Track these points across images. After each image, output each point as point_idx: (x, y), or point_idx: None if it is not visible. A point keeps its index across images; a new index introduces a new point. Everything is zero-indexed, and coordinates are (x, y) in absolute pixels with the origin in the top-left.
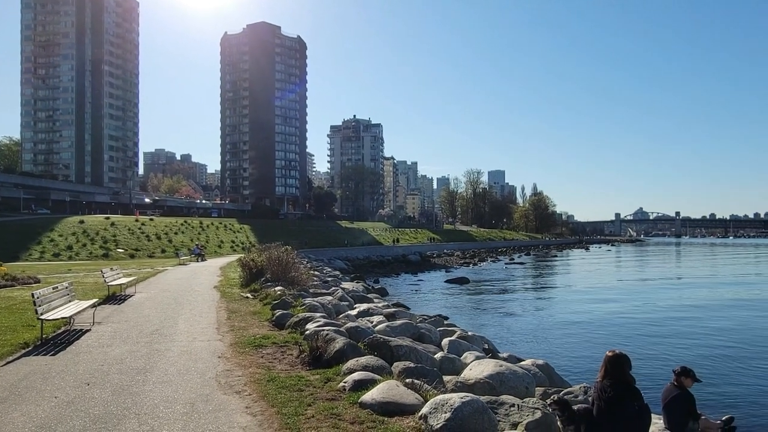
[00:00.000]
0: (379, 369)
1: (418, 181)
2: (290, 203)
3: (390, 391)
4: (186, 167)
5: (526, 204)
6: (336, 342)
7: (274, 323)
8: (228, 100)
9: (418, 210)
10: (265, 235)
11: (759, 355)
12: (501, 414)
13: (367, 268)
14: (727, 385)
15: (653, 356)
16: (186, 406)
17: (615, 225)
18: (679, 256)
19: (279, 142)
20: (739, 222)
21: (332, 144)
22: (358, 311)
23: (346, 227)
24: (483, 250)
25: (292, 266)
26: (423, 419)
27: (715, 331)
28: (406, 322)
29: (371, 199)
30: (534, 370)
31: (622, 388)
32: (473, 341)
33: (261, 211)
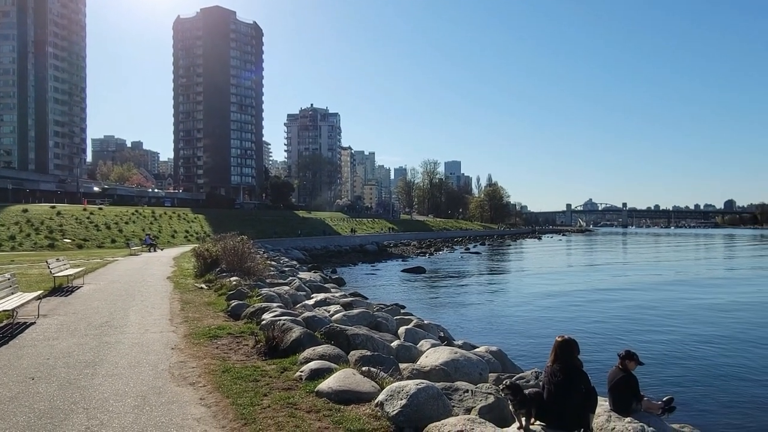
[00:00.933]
0: (335, 358)
1: (376, 171)
2: (246, 193)
3: (346, 379)
4: (137, 155)
5: (481, 194)
6: (292, 332)
7: (229, 314)
8: (181, 86)
9: (376, 200)
10: (220, 224)
11: (697, 338)
12: (455, 399)
13: (325, 258)
14: (668, 367)
15: (600, 341)
16: (137, 399)
17: (566, 215)
18: (625, 245)
19: (234, 130)
20: (681, 213)
21: (289, 133)
22: (315, 301)
23: (304, 217)
24: (439, 240)
25: (248, 256)
26: (379, 406)
27: (657, 316)
28: (363, 311)
29: (329, 188)
30: (487, 357)
31: (571, 372)
32: (429, 329)
33: (216, 200)
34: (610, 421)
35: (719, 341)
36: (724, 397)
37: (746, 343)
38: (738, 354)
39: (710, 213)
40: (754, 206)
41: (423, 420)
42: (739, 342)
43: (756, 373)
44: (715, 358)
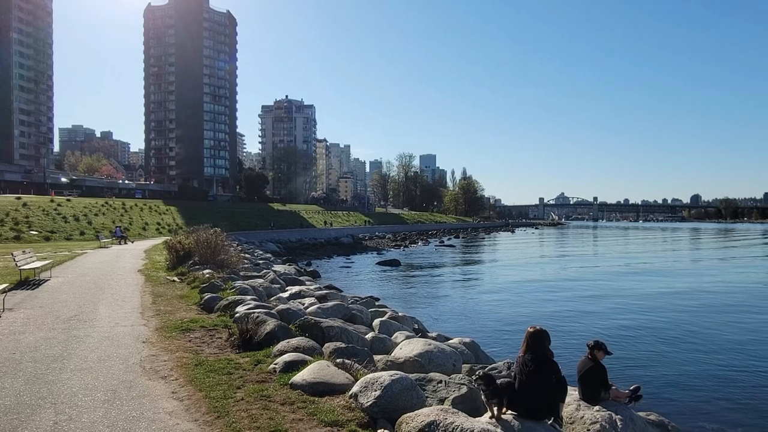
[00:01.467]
0: (310, 350)
1: (351, 164)
2: (220, 185)
3: (321, 371)
4: (107, 145)
5: (455, 188)
6: (267, 324)
7: (202, 307)
8: (152, 75)
9: (351, 193)
10: (192, 217)
11: (663, 327)
12: (429, 390)
13: (300, 251)
14: (636, 357)
15: (571, 331)
16: (107, 394)
17: (539, 209)
18: (596, 238)
19: (208, 121)
20: (649, 207)
21: (264, 124)
22: (290, 294)
23: (278, 209)
24: (414, 233)
25: (221, 249)
26: (353, 398)
27: (626, 306)
28: (338, 303)
29: (304, 181)
30: (461, 348)
31: (542, 362)
32: (403, 321)
33: (188, 192)
34: (579, 409)
35: (685, 330)
36: (689, 385)
37: (711, 331)
38: (703, 342)
39: (677, 207)
40: (718, 201)
41: (397, 411)
42: (704, 331)
43: (719, 361)
44: (681, 347)
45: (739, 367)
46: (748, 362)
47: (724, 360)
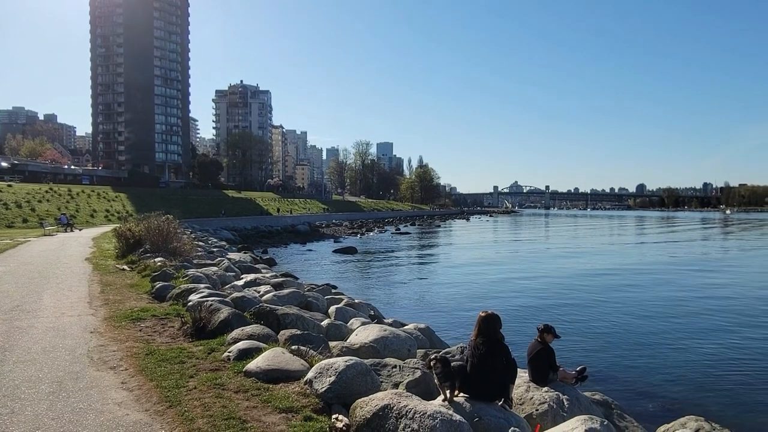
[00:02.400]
0: (265, 337)
1: (308, 151)
2: (172, 171)
3: (275, 358)
4: (51, 128)
5: (412, 176)
6: (221, 312)
7: (153, 296)
8: (99, 56)
9: (308, 180)
10: (144, 204)
11: (609, 310)
12: (384, 375)
13: (256, 239)
14: (583, 339)
15: (522, 315)
16: (53, 386)
17: (493, 197)
18: (548, 226)
19: (159, 105)
20: (598, 196)
21: (218, 110)
22: (245, 281)
23: (233, 197)
24: (371, 221)
25: (173, 236)
26: (308, 384)
27: (574, 291)
28: (294, 291)
29: (259, 168)
30: (416, 334)
31: (493, 345)
32: (360, 308)
33: (139, 178)
34: (528, 391)
35: (629, 313)
36: (632, 365)
37: (653, 313)
38: (645, 324)
39: (624, 196)
40: (661, 190)
41: (352, 396)
42: (646, 313)
43: (660, 341)
44: (625, 329)
45: (679, 346)
46: (688, 341)
47: (665, 340)
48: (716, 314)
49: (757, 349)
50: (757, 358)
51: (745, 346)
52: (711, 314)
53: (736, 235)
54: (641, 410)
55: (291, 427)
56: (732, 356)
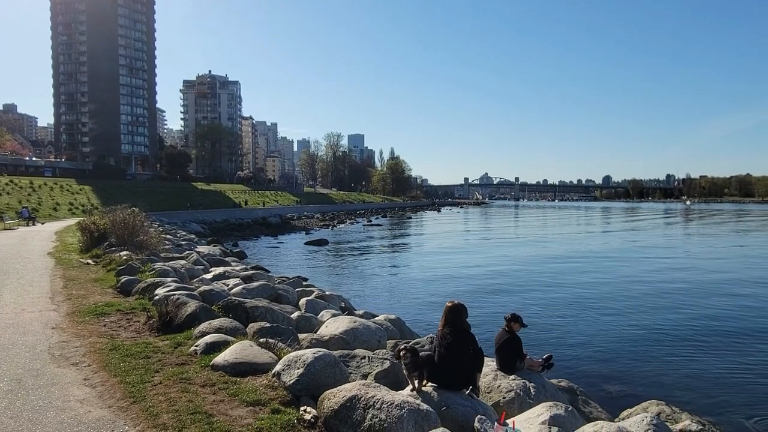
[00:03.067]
0: (233, 331)
1: (279, 143)
2: (139, 163)
3: (243, 351)
4: (10, 119)
5: (383, 168)
6: (188, 306)
7: (119, 290)
8: (62, 44)
9: (279, 172)
10: (109, 196)
11: (574, 299)
12: (353, 366)
13: (226, 231)
14: (549, 327)
15: (491, 304)
16: (12, 383)
17: (464, 189)
18: (517, 217)
19: (124, 95)
20: (566, 187)
21: (186, 100)
22: (214, 275)
23: (203, 189)
24: (342, 213)
25: (140, 229)
26: (276, 376)
27: (541, 281)
28: (264, 283)
29: (229, 160)
30: (386, 325)
31: (460, 334)
32: (330, 300)
33: (105, 170)
34: (496, 379)
35: (594, 301)
36: (597, 352)
37: (617, 301)
38: (609, 311)
39: (590, 188)
40: (627, 182)
41: (320, 387)
42: (611, 300)
43: (624, 328)
44: (590, 316)
45: (642, 332)
46: (651, 328)
47: (629, 327)
48: (678, 301)
49: (716, 334)
50: (715, 343)
51: (705, 332)
52: (673, 301)
53: (695, 224)
54: (606, 395)
55: (258, 420)
56: (692, 341)
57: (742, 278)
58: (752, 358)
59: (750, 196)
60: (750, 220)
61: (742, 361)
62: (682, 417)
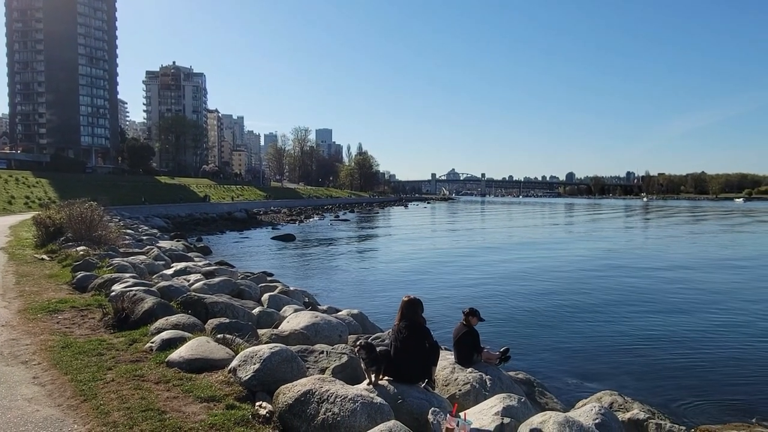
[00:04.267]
0: (190, 327)
1: (245, 137)
2: (99, 155)
3: (200, 347)
4: None
5: (351, 163)
6: (145, 302)
7: (74, 286)
8: (16, 31)
9: (245, 167)
10: (68, 190)
11: (532, 292)
12: (311, 361)
13: (190, 226)
14: (507, 321)
15: (452, 299)
16: None
17: (431, 184)
18: (483, 212)
19: (84, 86)
20: (530, 183)
21: (149, 92)
22: (175, 270)
23: (166, 183)
24: (310, 208)
25: (98, 224)
26: (232, 372)
27: (502, 275)
28: (225, 279)
29: (194, 153)
30: (348, 320)
31: (415, 329)
32: (294, 295)
33: (63, 163)
34: (453, 372)
35: (552, 294)
36: (554, 344)
37: (574, 294)
38: (567, 304)
39: (555, 184)
40: (589, 178)
41: (277, 383)
42: (569, 294)
43: (582, 321)
44: (548, 309)
45: (598, 325)
46: (606, 321)
47: (586, 319)
48: (634, 294)
49: (670, 325)
50: (669, 335)
51: (657, 324)
52: (629, 294)
53: (652, 221)
54: (563, 387)
55: (212, 416)
56: (647, 332)
57: (698, 272)
58: (704, 348)
59: (705, 194)
60: (702, 217)
61: (695, 351)
62: (634, 406)
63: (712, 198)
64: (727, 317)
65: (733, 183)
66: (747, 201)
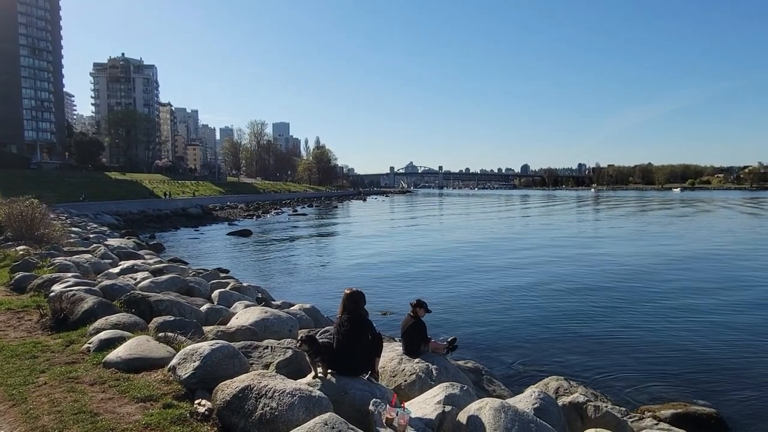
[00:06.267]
0: (131, 326)
1: (200, 131)
2: (44, 150)
3: (139, 346)
4: None
5: (309, 157)
6: (85, 302)
7: (12, 287)
8: None
9: (200, 161)
10: (11, 187)
11: (485, 285)
12: (255, 357)
13: (142, 223)
14: (459, 311)
15: (406, 291)
16: None
17: (390, 178)
18: (441, 205)
19: (27, 78)
20: (487, 176)
21: (97, 84)
22: (122, 268)
23: (117, 179)
24: (267, 203)
25: (40, 222)
26: (172, 371)
27: (454, 266)
28: (174, 276)
29: (146, 148)
30: (300, 314)
31: (357, 321)
32: (246, 291)
33: (5, 159)
34: (401, 363)
35: (504, 285)
36: (503, 333)
37: (526, 285)
38: (518, 295)
39: (510, 176)
40: (543, 170)
41: (218, 380)
42: (520, 284)
43: (530, 309)
44: (500, 300)
45: (545, 313)
46: (553, 308)
47: (533, 308)
48: (583, 281)
49: (615, 311)
50: (615, 320)
51: (605, 310)
52: (578, 281)
53: (600, 211)
54: (513, 374)
55: (147, 416)
56: (594, 319)
57: (643, 258)
58: (649, 331)
59: (651, 184)
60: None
61: (641, 335)
62: (578, 390)
63: (657, 188)
64: (668, 302)
65: (677, 173)
66: (684, 191)
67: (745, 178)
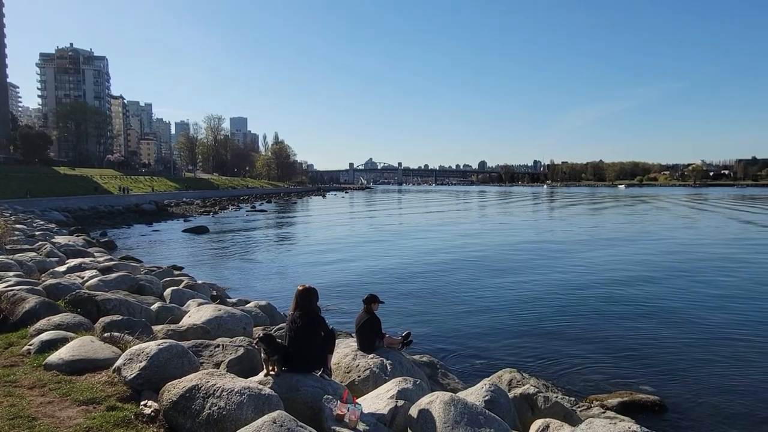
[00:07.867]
0: (75, 326)
1: (154, 125)
2: None
3: (83, 347)
4: None
5: (268, 153)
6: (26, 302)
7: None
8: None
9: (155, 156)
10: None
11: (440, 279)
12: (205, 355)
13: (93, 220)
14: (414, 306)
15: (361, 285)
16: None
17: (349, 174)
18: (400, 201)
19: None
20: (445, 172)
21: (44, 76)
22: (69, 267)
23: (66, 174)
24: (225, 199)
25: None
26: (117, 372)
27: (410, 261)
28: (123, 274)
29: (97, 143)
30: (255, 312)
31: (309, 318)
32: (200, 289)
33: None
34: (356, 359)
35: (459, 279)
36: (458, 327)
37: (481, 278)
38: (472, 288)
39: (468, 172)
40: (500, 167)
41: (165, 380)
42: (474, 278)
43: (484, 303)
44: (454, 293)
45: (498, 306)
46: (507, 301)
47: (488, 302)
48: (536, 273)
49: (567, 303)
50: (567, 312)
51: (558, 302)
52: (531, 273)
53: (553, 207)
54: (467, 367)
55: (90, 419)
56: (547, 311)
57: (594, 251)
58: (598, 322)
59: (603, 181)
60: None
61: (591, 325)
62: (530, 382)
63: (608, 185)
64: (618, 292)
65: (627, 170)
66: (629, 187)
67: (689, 175)
